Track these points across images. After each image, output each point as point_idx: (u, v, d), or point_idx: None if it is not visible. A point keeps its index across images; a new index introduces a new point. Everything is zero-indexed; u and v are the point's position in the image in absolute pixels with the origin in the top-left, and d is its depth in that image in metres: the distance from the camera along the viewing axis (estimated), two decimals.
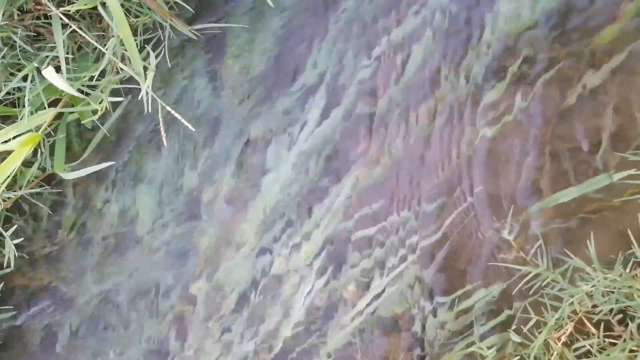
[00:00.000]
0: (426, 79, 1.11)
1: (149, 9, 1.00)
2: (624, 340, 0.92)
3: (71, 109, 0.99)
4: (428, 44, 1.11)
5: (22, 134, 0.86)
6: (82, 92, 1.00)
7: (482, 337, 1.07)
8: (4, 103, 1.11)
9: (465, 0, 1.08)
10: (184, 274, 1.27)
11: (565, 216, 1.04)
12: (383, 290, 1.13)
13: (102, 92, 1.04)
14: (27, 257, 1.34)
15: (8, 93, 1.07)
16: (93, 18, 1.05)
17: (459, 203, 1.09)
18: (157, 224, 1.29)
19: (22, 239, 1.23)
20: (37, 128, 0.97)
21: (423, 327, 1.11)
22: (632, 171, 0.97)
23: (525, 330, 1.01)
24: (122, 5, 0.97)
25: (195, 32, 1.08)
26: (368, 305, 1.14)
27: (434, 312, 1.10)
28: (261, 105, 1.21)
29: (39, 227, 1.35)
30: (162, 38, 1.08)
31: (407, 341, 1.12)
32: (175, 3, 1.01)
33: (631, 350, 0.91)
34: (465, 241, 1.09)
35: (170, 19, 0.99)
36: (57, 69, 1.00)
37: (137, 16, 1.02)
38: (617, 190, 1.01)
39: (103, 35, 1.05)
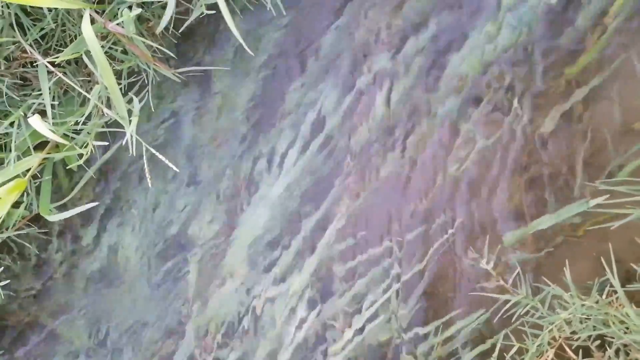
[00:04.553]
0: (405, 110, 1.14)
1: (133, 54, 1.03)
2: None
3: (57, 154, 1.01)
4: (405, 77, 1.14)
5: (9, 180, 0.88)
6: (68, 136, 1.02)
7: None
8: None
9: (442, 30, 1.11)
10: (172, 309, 1.27)
11: (542, 244, 1.06)
12: (369, 320, 1.15)
13: (88, 134, 1.06)
14: (14, 294, 1.34)
15: None
16: (79, 63, 1.07)
17: (439, 232, 1.11)
18: (144, 260, 1.29)
19: (8, 281, 1.23)
20: (25, 172, 0.99)
21: (409, 355, 1.12)
22: (604, 198, 1.01)
23: (508, 357, 1.03)
24: (106, 52, 1.00)
25: (179, 75, 1.11)
26: (355, 335, 1.15)
27: (420, 340, 1.12)
28: (244, 140, 1.23)
29: (27, 265, 1.36)
30: (146, 81, 1.10)
31: None
32: (160, 47, 1.04)
33: None
34: (447, 270, 1.11)
35: (154, 64, 1.02)
36: (44, 113, 1.02)
37: (121, 61, 1.04)
38: (592, 217, 1.03)
39: (89, 80, 1.07)
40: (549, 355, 0.99)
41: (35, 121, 0.82)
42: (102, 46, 0.94)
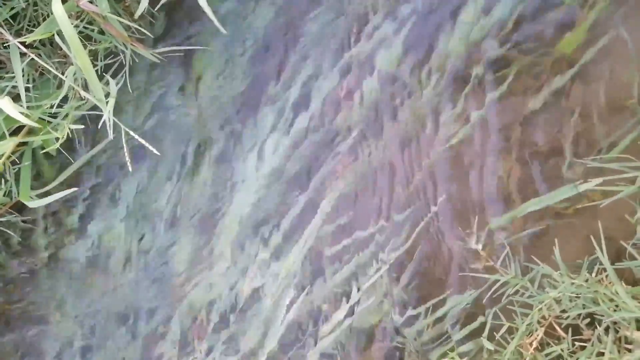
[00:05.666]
0: (390, 91, 1.12)
1: (110, 34, 1.00)
2: (592, 344, 0.94)
3: (32, 138, 0.98)
4: (391, 57, 1.12)
5: None
6: (44, 120, 0.99)
7: (458, 344, 1.09)
8: None
9: (428, 11, 1.10)
10: (161, 294, 1.26)
11: (532, 223, 1.05)
12: (359, 302, 1.14)
13: (66, 116, 1.03)
14: (0, 284, 1.33)
15: None
16: (54, 44, 1.04)
17: (426, 213, 1.11)
18: (130, 245, 1.28)
19: None
20: None
21: (399, 336, 1.12)
22: (598, 180, 0.99)
23: (498, 336, 1.03)
24: (81, 31, 0.96)
25: (159, 56, 1.07)
26: (345, 317, 1.15)
27: (410, 321, 1.12)
28: (231, 121, 1.21)
29: (11, 253, 1.34)
30: (124, 62, 1.07)
31: (384, 351, 1.13)
32: (138, 26, 1.01)
33: (600, 353, 0.93)
34: (435, 250, 1.11)
35: (132, 44, 0.99)
36: (19, 97, 0.99)
37: (98, 42, 1.01)
38: (582, 196, 1.03)
39: (64, 61, 1.04)
40: (539, 333, 0.99)
41: (5, 104, 0.79)
42: (76, 26, 0.91)
